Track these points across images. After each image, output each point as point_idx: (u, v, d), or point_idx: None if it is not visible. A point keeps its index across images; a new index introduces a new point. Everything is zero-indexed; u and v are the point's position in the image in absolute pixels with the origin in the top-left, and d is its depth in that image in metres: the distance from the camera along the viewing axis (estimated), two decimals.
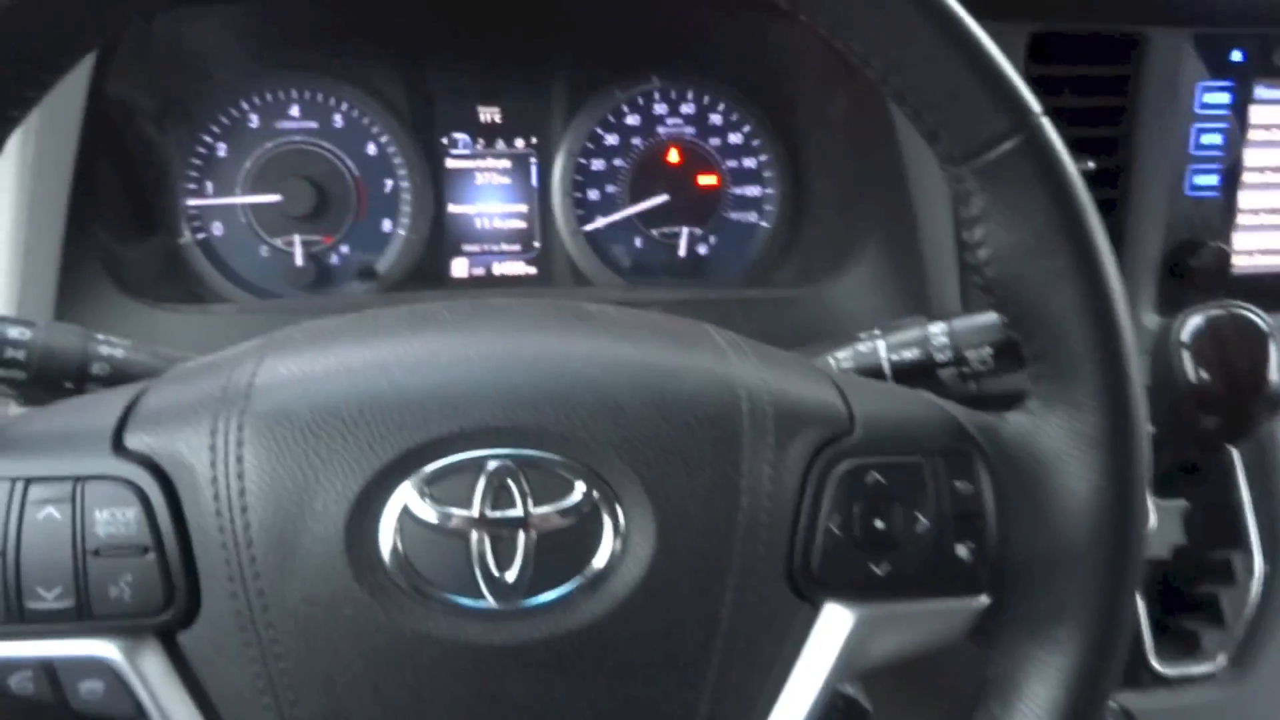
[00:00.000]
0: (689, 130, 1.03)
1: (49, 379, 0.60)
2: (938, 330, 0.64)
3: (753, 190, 1.04)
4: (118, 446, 0.45)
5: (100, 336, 0.62)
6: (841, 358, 0.65)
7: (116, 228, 0.89)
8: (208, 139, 0.98)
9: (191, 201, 0.98)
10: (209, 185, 0.98)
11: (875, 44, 0.45)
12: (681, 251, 1.04)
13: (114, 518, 0.43)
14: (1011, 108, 0.44)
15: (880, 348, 0.64)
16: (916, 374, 0.63)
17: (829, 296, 0.90)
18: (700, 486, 0.45)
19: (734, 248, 1.05)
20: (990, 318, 0.63)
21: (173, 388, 0.48)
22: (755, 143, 1.04)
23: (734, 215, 1.04)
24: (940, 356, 0.63)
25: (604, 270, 1.04)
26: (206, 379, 0.47)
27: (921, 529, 0.47)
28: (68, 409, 0.49)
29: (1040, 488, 0.47)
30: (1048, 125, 0.45)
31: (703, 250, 1.05)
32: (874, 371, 0.64)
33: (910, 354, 0.64)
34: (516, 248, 1.04)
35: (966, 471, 0.48)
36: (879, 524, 0.47)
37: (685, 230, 1.04)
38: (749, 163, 1.04)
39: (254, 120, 0.98)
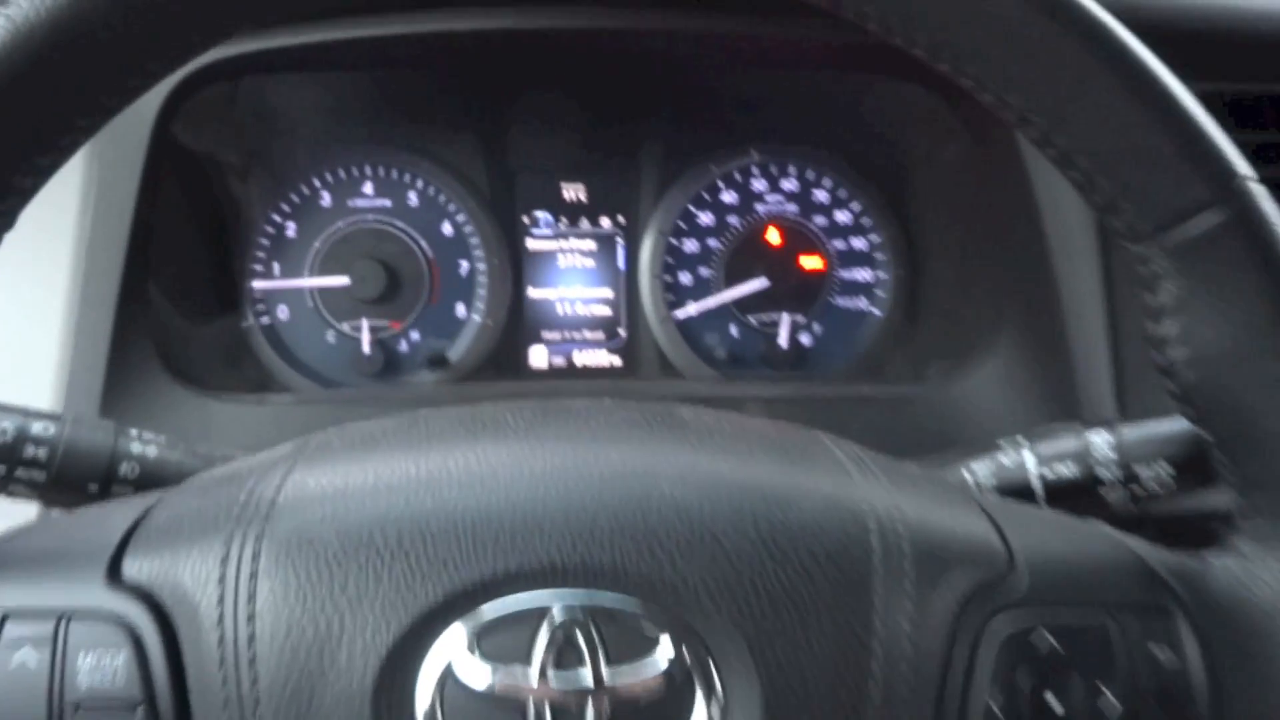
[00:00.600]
0: (791, 208, 0.99)
1: (71, 481, 0.56)
2: (1101, 440, 0.56)
3: (863, 274, 0.99)
4: (113, 575, 0.41)
5: (133, 432, 0.59)
6: (979, 472, 0.58)
7: (175, 310, 0.87)
8: (277, 218, 0.97)
9: (258, 284, 0.97)
10: (276, 266, 0.97)
11: (1036, 95, 0.40)
12: (782, 341, 0.99)
13: (99, 664, 0.39)
14: (1215, 170, 0.39)
15: (1028, 460, 0.57)
16: (1075, 494, 0.56)
17: (954, 395, 0.84)
18: (819, 646, 0.39)
19: (841, 338, 1.00)
20: (1169, 425, 0.56)
21: (186, 501, 0.44)
22: (866, 221, 1.00)
23: (841, 301, 1.00)
24: (1105, 473, 0.56)
25: (695, 361, 0.99)
26: (225, 491, 0.43)
27: (1108, 709, 0.40)
28: (65, 524, 0.45)
29: (1263, 656, 0.41)
30: (1262, 192, 0.39)
31: (806, 340, 1.00)
32: (1021, 490, 0.57)
33: (1067, 469, 0.56)
34: (600, 335, 1.00)
35: (1166, 633, 0.41)
36: (1053, 702, 0.39)
37: (786, 318, 0.99)
38: (859, 244, 0.99)
39: (326, 198, 0.97)
